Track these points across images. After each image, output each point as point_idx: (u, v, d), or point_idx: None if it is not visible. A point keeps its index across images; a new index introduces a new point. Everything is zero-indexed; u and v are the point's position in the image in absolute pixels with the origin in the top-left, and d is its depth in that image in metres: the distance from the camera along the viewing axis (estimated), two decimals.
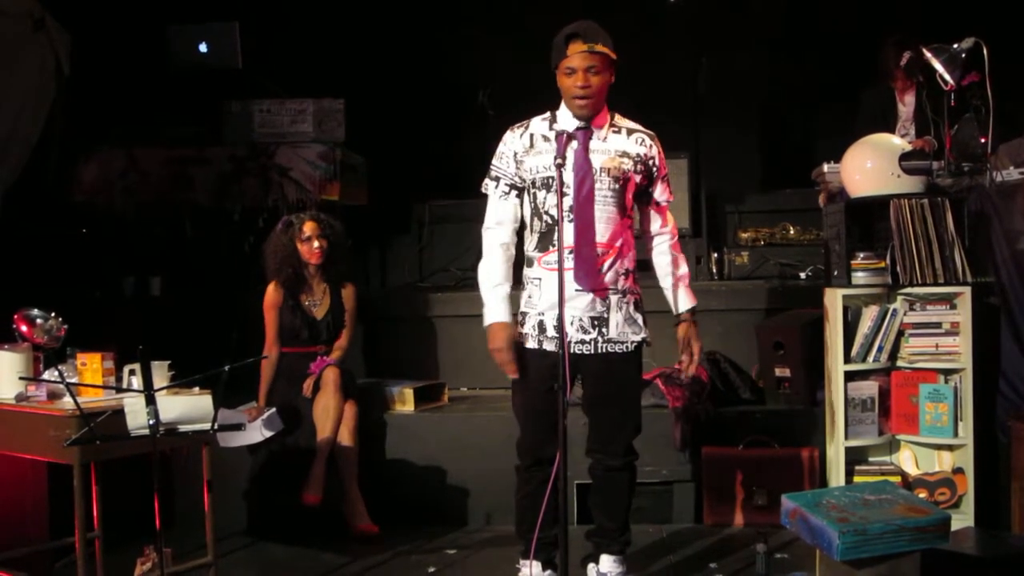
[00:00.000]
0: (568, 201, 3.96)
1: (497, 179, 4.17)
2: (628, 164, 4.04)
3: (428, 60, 8.01)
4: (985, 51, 5.28)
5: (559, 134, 3.93)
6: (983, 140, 5.42)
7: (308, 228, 5.48)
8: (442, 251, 7.80)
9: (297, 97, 6.75)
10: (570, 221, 3.97)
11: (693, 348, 4.18)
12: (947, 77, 5.36)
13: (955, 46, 5.35)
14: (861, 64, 7.08)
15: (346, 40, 7.99)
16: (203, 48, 6.87)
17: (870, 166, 5.35)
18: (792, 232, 7.39)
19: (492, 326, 4.07)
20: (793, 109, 8.26)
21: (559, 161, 3.80)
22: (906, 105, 6.65)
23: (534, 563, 4.16)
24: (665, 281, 4.24)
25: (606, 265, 4.02)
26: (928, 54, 5.45)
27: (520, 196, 4.17)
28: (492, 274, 4.13)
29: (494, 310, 4.09)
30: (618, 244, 4.05)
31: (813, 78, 7.89)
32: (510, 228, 4.19)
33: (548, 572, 4.18)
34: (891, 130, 6.40)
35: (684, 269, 4.26)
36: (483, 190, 4.22)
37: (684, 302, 4.21)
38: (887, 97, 6.71)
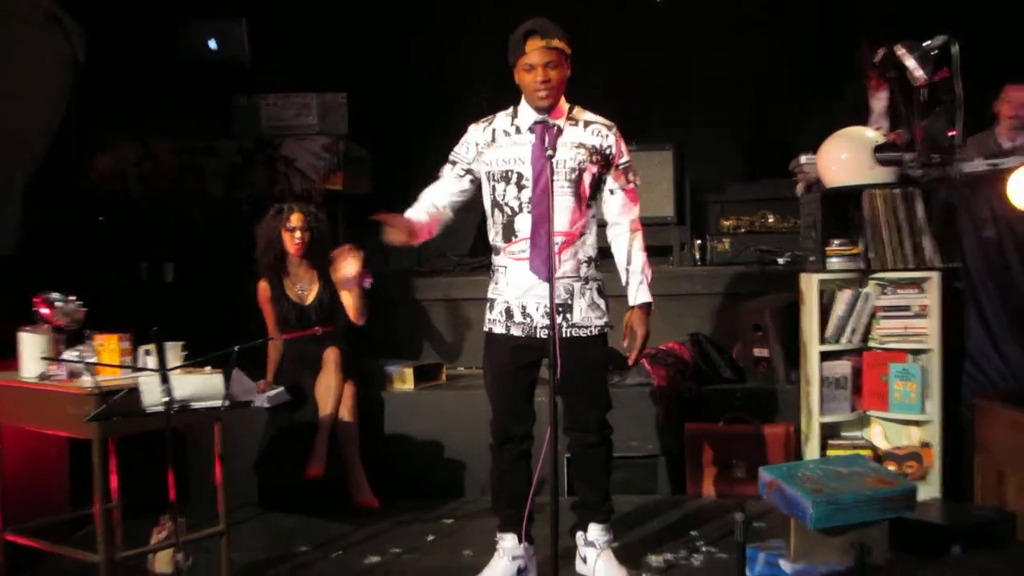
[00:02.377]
0: (527, 192, 3.99)
1: (454, 163, 4.23)
2: (583, 155, 4.02)
3: (427, 57, 8.02)
4: (955, 48, 5.30)
5: (540, 124, 3.96)
6: (952, 133, 5.44)
7: (295, 219, 5.50)
8: (440, 238, 7.71)
9: (302, 92, 6.76)
10: (528, 212, 4.00)
11: (637, 334, 4.12)
12: (918, 73, 5.38)
13: (926, 44, 5.37)
14: (837, 61, 7.09)
15: (349, 37, 7.99)
16: (212, 44, 6.87)
17: (845, 157, 5.39)
18: (771, 220, 7.42)
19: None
20: (772, 104, 8.27)
21: (550, 152, 3.77)
22: (879, 100, 6.66)
23: (511, 536, 4.20)
24: (622, 273, 4.19)
25: (566, 253, 4.03)
26: (901, 51, 5.46)
27: (474, 182, 4.20)
28: (417, 205, 4.25)
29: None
30: (576, 231, 4.05)
31: (792, 75, 7.90)
32: (446, 195, 4.24)
33: (524, 545, 4.20)
34: (865, 123, 6.42)
35: (638, 263, 4.14)
36: (438, 173, 4.27)
37: (634, 296, 4.15)
38: (862, 92, 6.72)
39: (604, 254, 4.22)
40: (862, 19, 6.97)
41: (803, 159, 5.92)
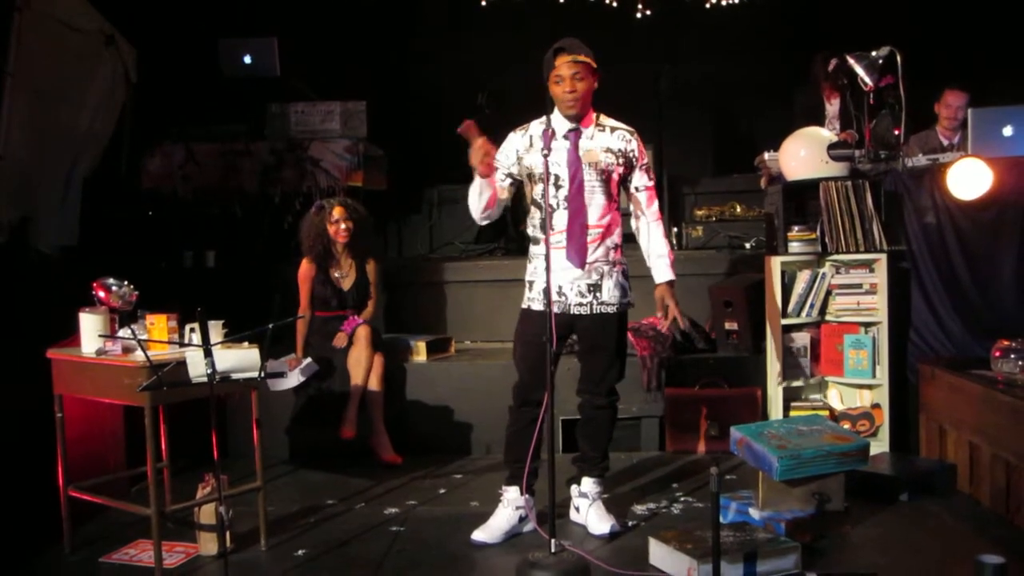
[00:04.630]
0: (564, 191, 3.99)
1: (497, 168, 4.15)
2: (611, 158, 4.02)
3: (436, 68, 7.98)
4: (899, 58, 5.27)
5: (544, 130, 3.92)
6: (897, 132, 5.42)
7: (337, 212, 5.45)
8: (449, 228, 7.81)
9: (327, 100, 6.73)
10: (564, 208, 3.99)
11: (668, 307, 4.14)
12: (867, 80, 5.35)
13: (873, 53, 5.33)
14: (795, 69, 7.06)
15: (367, 52, 7.95)
16: (247, 59, 6.83)
17: (803, 154, 5.36)
18: (739, 210, 7.39)
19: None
20: (739, 107, 8.24)
21: (545, 152, 3.78)
22: (833, 105, 6.63)
23: (514, 488, 4.17)
24: (648, 258, 4.20)
25: (597, 243, 4.03)
26: (851, 60, 5.43)
27: (513, 184, 4.19)
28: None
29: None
30: (606, 224, 4.05)
31: (756, 81, 7.86)
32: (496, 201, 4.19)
33: (525, 496, 4.17)
34: (820, 125, 6.39)
35: (659, 248, 4.15)
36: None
37: (658, 275, 4.16)
38: (817, 97, 6.69)
39: (626, 238, 4.20)
40: (816, 32, 6.92)
41: (766, 156, 5.90)
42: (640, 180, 4.14)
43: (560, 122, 4.05)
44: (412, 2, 7.66)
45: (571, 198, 3.99)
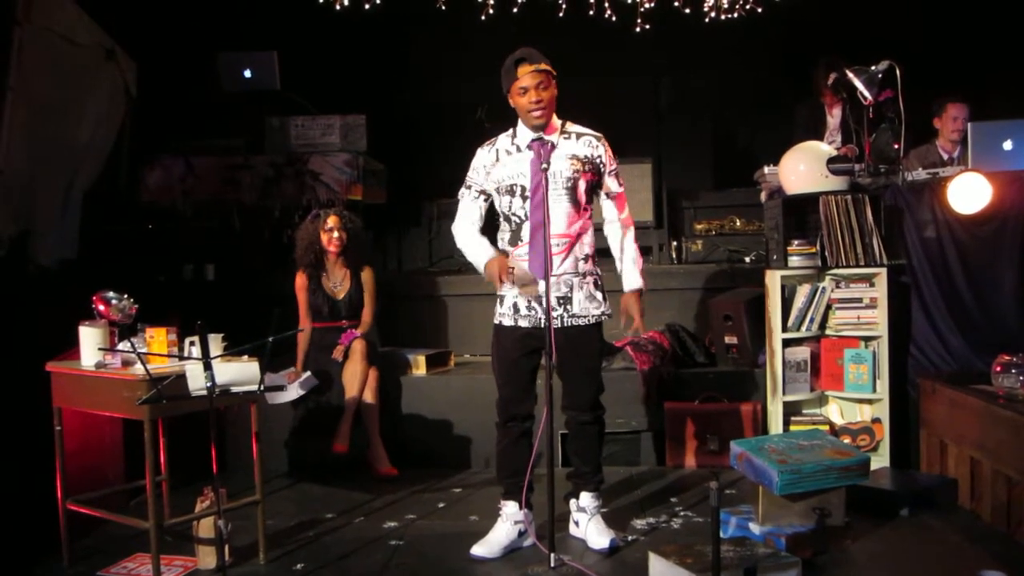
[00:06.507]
0: (530, 203, 3.98)
1: (470, 187, 4.18)
2: (577, 165, 4.00)
3: (436, 82, 8.00)
4: (898, 72, 5.29)
5: (536, 141, 3.96)
6: (896, 146, 5.43)
7: (331, 221, 5.49)
8: (448, 241, 7.69)
9: (327, 114, 6.75)
10: (527, 220, 3.99)
11: (632, 314, 4.12)
12: (866, 94, 5.37)
13: (873, 68, 5.35)
14: (795, 83, 7.08)
15: (368, 66, 7.98)
16: (247, 73, 6.85)
17: (803, 168, 5.37)
18: (739, 223, 7.40)
19: (487, 261, 4.04)
20: (739, 120, 8.25)
21: (544, 166, 3.82)
22: (833, 117, 6.65)
23: (512, 503, 4.17)
24: (617, 264, 4.20)
25: (565, 253, 4.00)
26: (850, 74, 5.45)
27: (487, 200, 4.17)
28: (470, 239, 4.15)
29: (483, 254, 4.08)
30: (575, 233, 4.03)
31: (756, 95, 7.88)
32: (478, 224, 4.19)
33: (524, 511, 4.17)
34: (820, 138, 6.41)
35: (630, 254, 4.16)
36: (459, 197, 4.22)
37: (626, 282, 4.16)
38: (817, 110, 6.71)
39: (602, 253, 4.19)
40: (816, 44, 6.94)
41: (766, 170, 5.90)
42: (610, 186, 4.13)
43: (524, 133, 4.05)
44: (412, 16, 7.67)
45: (532, 209, 3.97)
